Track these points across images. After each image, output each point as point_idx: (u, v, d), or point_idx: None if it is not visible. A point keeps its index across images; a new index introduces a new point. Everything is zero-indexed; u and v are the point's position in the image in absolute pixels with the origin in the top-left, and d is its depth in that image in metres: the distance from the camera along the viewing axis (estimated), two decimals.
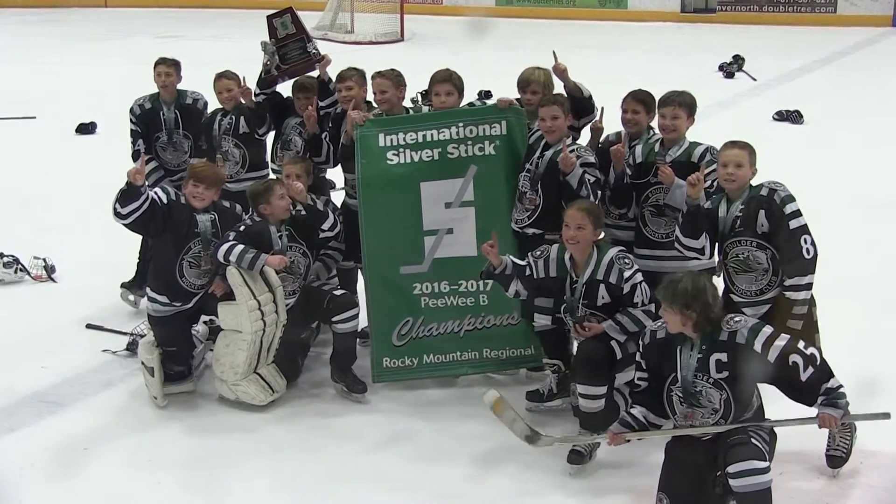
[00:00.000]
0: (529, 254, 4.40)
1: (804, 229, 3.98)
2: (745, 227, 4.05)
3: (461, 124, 4.76)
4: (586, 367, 4.12)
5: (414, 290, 4.84)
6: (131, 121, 5.87)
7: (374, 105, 5.11)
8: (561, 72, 4.87)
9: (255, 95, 5.45)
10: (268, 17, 5.49)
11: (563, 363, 4.48)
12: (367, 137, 4.83)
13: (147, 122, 5.85)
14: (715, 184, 4.28)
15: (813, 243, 3.99)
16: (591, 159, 4.55)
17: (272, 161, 5.58)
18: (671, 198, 4.39)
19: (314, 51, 5.46)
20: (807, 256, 3.96)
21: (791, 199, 4.00)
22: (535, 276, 4.32)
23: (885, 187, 8.27)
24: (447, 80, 4.94)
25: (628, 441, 3.82)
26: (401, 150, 4.79)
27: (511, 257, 4.40)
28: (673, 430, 3.70)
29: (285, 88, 5.55)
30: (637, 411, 3.76)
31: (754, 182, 4.12)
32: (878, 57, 15.91)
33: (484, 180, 4.75)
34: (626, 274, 4.14)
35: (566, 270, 4.26)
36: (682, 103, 4.48)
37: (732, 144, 4.13)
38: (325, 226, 4.80)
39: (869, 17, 19.51)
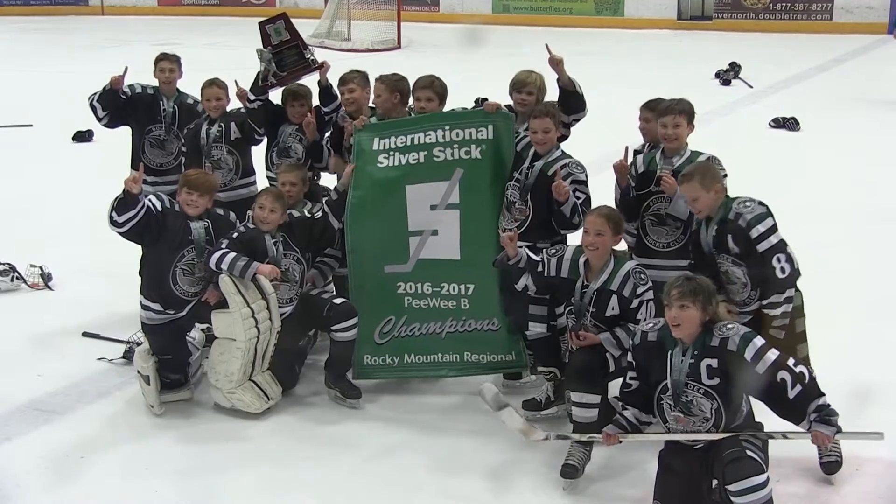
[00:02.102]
0: (544, 250, 4.39)
1: (776, 248, 3.95)
2: (719, 248, 4.08)
3: (447, 127, 4.76)
4: (580, 375, 4.12)
5: (398, 289, 4.85)
6: (122, 91, 5.81)
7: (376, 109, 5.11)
8: (556, 63, 4.84)
9: (250, 102, 5.45)
10: (260, 23, 5.49)
11: (559, 370, 4.47)
12: (364, 141, 4.86)
13: (142, 108, 5.82)
14: None
15: (788, 259, 3.96)
16: (582, 177, 4.54)
17: (267, 169, 5.57)
18: (674, 207, 4.38)
19: (311, 57, 5.46)
20: (780, 276, 3.93)
21: (758, 219, 3.97)
22: (545, 273, 4.30)
23: (881, 194, 8.27)
24: (428, 87, 4.95)
25: (620, 442, 3.81)
26: (391, 153, 4.81)
27: (527, 251, 4.39)
28: (667, 435, 3.69)
29: (276, 96, 5.55)
30: (629, 413, 3.77)
31: (733, 192, 4.12)
32: (873, 64, 15.94)
33: (469, 184, 4.74)
34: (640, 290, 4.13)
35: (578, 273, 4.24)
36: (683, 111, 4.45)
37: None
38: (335, 225, 4.82)
39: (864, 25, 19.57)
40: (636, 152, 4.82)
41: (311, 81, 5.52)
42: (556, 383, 4.52)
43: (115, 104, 5.82)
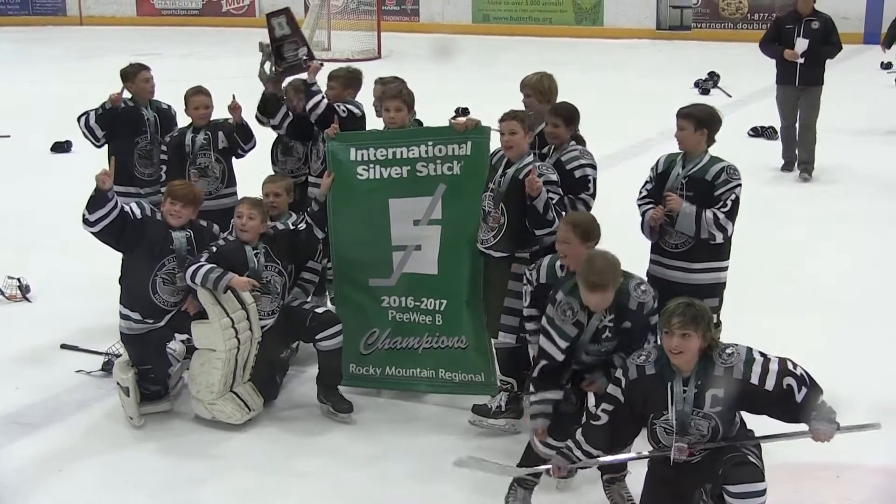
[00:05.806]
0: (526, 268, 4.26)
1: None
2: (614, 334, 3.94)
3: (430, 143, 4.76)
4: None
5: (382, 302, 4.89)
6: (107, 108, 5.71)
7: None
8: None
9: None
10: (267, 14, 5.52)
11: (516, 383, 4.46)
12: (338, 151, 4.87)
13: (126, 121, 5.73)
14: (729, 202, 4.31)
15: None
16: (554, 178, 4.46)
17: (273, 164, 5.67)
18: (680, 224, 4.33)
19: (304, 57, 5.46)
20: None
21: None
22: (533, 286, 4.18)
23: (861, 201, 8.34)
24: (397, 97, 4.94)
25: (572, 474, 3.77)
26: (371, 165, 4.82)
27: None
28: (631, 455, 3.66)
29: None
30: (584, 445, 3.62)
31: None
32: (850, 73, 16.06)
33: (451, 200, 4.75)
34: None
35: (556, 277, 4.13)
36: (688, 115, 4.42)
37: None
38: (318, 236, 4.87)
39: (841, 35, 19.69)
40: (542, 156, 4.74)
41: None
42: (511, 395, 4.49)
43: (110, 123, 5.74)
